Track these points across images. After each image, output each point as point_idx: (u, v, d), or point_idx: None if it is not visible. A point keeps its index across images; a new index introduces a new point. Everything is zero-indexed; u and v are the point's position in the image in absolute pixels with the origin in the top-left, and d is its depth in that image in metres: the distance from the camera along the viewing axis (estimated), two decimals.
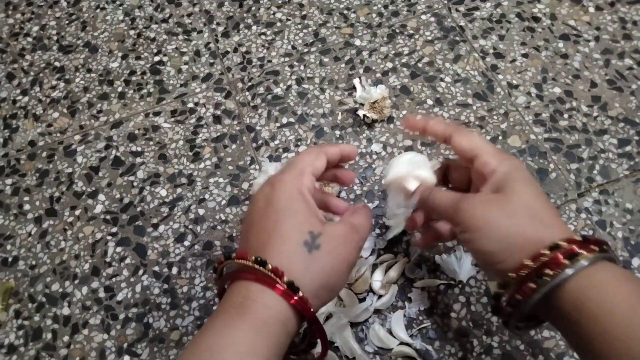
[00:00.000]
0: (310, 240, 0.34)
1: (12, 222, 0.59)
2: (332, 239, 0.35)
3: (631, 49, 0.64)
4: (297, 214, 0.35)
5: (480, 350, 0.48)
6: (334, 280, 0.35)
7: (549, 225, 0.34)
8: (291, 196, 0.36)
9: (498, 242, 0.34)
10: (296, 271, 0.33)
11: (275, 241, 0.34)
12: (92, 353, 0.51)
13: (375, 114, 0.59)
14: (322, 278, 0.34)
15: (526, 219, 0.34)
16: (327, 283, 0.35)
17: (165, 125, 0.64)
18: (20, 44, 0.73)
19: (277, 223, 0.35)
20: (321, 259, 0.34)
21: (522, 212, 0.35)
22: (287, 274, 0.33)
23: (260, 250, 0.34)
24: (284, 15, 0.71)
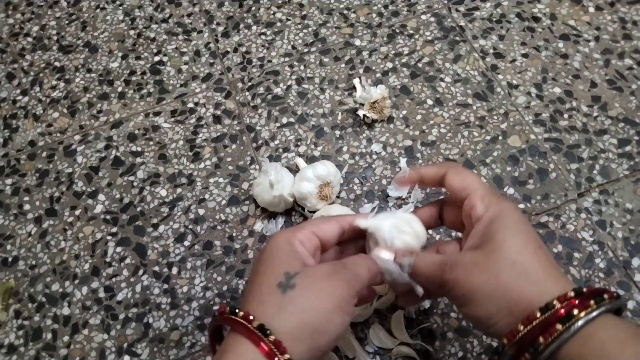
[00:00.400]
0: (285, 281, 0.33)
1: (12, 222, 0.59)
2: (309, 276, 0.34)
3: (631, 49, 0.64)
4: (276, 260, 0.35)
5: (480, 350, 0.48)
6: (315, 319, 0.32)
7: (539, 281, 0.32)
8: (277, 246, 0.36)
9: (485, 307, 0.33)
10: (268, 314, 0.32)
11: (253, 289, 0.34)
12: (92, 353, 0.51)
13: (375, 114, 0.59)
14: (299, 317, 0.32)
15: (513, 277, 0.32)
16: (307, 322, 0.32)
17: (165, 125, 0.64)
18: (20, 44, 0.73)
19: (257, 272, 0.35)
20: (296, 298, 0.32)
21: (508, 271, 0.32)
22: (257, 318, 0.32)
23: (242, 302, 0.34)
24: (284, 15, 0.71)
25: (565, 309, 0.30)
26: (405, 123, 0.61)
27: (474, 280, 0.33)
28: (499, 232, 0.34)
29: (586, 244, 0.53)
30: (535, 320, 0.30)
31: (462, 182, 0.37)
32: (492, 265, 0.33)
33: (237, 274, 0.54)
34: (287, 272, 0.34)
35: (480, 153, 0.58)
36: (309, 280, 0.33)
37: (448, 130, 0.60)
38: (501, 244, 0.33)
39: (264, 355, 0.30)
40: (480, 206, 0.36)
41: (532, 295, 0.31)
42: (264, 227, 0.56)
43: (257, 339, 0.31)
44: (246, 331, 0.31)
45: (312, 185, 0.53)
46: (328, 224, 0.38)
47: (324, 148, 0.60)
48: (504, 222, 0.34)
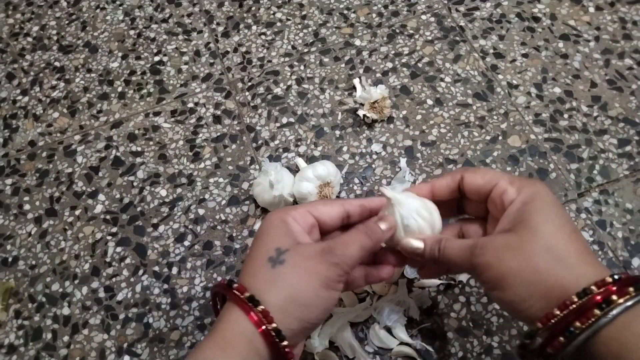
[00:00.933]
0: (275, 256, 0.35)
1: (12, 222, 0.59)
2: (299, 254, 0.35)
3: (631, 49, 0.64)
4: (268, 236, 0.36)
5: (480, 350, 0.48)
6: (303, 294, 0.34)
7: (574, 265, 0.31)
8: (270, 223, 0.37)
9: (518, 291, 0.32)
10: (259, 286, 0.34)
11: (247, 263, 0.36)
12: (92, 353, 0.51)
13: (375, 114, 0.59)
14: (287, 292, 0.34)
15: (547, 262, 0.32)
16: (295, 297, 0.34)
17: (165, 125, 0.64)
18: (20, 44, 0.73)
19: (251, 248, 0.37)
20: (285, 272, 0.34)
21: (542, 255, 0.32)
22: (249, 289, 0.34)
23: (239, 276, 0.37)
24: (284, 15, 0.71)
25: (603, 295, 0.29)
26: (405, 123, 0.61)
27: (506, 263, 0.33)
28: (533, 215, 0.33)
29: None
30: (572, 305, 0.30)
31: (484, 177, 0.37)
32: (526, 249, 0.32)
33: (237, 274, 0.54)
34: (278, 248, 0.35)
35: (480, 153, 0.58)
36: (298, 258, 0.35)
37: (448, 130, 0.60)
38: (535, 227, 0.33)
39: (252, 324, 0.32)
40: (511, 189, 0.35)
41: (568, 280, 0.31)
42: None
43: (248, 309, 0.33)
44: (238, 301, 0.33)
45: (312, 185, 0.53)
46: (327, 206, 0.39)
47: (324, 148, 0.60)
48: (537, 204, 0.34)
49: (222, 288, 0.35)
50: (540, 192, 0.34)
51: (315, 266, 0.35)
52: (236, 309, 0.33)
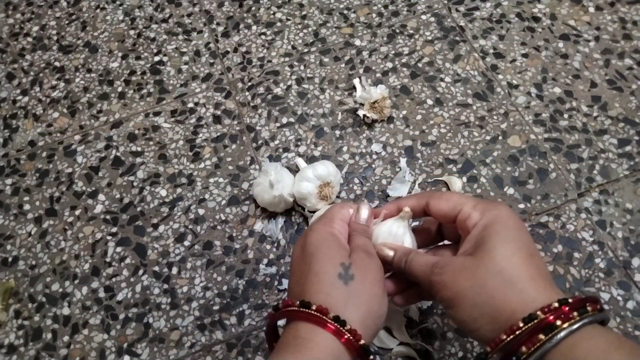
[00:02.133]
0: (344, 272, 0.35)
1: (12, 222, 0.59)
2: (362, 266, 0.36)
3: (631, 49, 0.64)
4: (328, 251, 0.37)
5: (480, 350, 0.48)
6: (376, 305, 0.35)
7: (524, 290, 0.32)
8: (322, 237, 0.38)
9: (469, 312, 0.33)
10: (338, 305, 0.34)
11: (312, 281, 0.36)
12: (92, 353, 0.51)
13: (375, 114, 0.59)
14: (364, 307, 0.35)
15: (498, 285, 0.33)
16: (371, 310, 0.35)
17: (165, 125, 0.64)
18: (20, 44, 0.73)
19: (311, 264, 0.36)
20: (358, 288, 0.35)
21: (494, 278, 0.33)
22: (330, 309, 0.33)
23: (301, 293, 0.35)
24: (284, 15, 0.71)
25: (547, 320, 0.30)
26: (405, 123, 0.61)
27: (460, 284, 0.34)
28: (491, 238, 0.34)
29: (586, 244, 0.53)
30: (518, 330, 0.30)
31: (448, 202, 0.38)
32: (480, 271, 0.33)
33: (237, 274, 0.54)
34: (342, 263, 0.36)
35: (480, 153, 0.58)
36: (363, 270, 0.36)
37: (448, 130, 0.60)
38: (491, 250, 0.34)
39: (343, 344, 0.33)
40: (474, 214, 0.36)
41: (516, 305, 0.32)
42: (264, 227, 0.56)
43: (339, 333, 0.33)
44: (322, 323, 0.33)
45: (312, 185, 0.53)
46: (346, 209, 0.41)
47: (324, 148, 0.60)
48: (497, 227, 0.35)
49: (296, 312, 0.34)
50: (501, 215, 0.35)
51: (375, 274, 0.36)
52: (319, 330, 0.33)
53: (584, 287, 0.50)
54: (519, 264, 0.33)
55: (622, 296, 0.50)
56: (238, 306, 0.52)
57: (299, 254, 0.38)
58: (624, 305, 0.49)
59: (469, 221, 0.36)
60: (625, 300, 0.50)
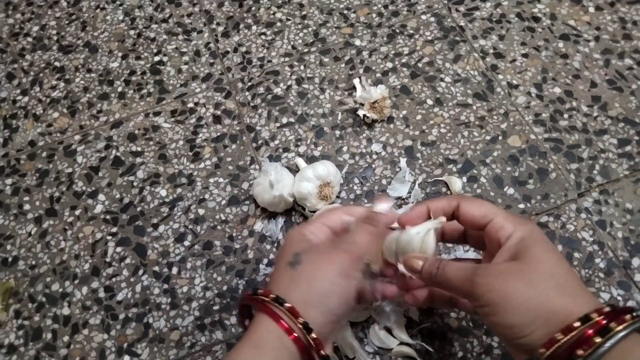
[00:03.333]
0: (294, 259, 0.38)
1: (12, 222, 0.59)
2: (314, 251, 0.38)
3: (631, 49, 0.64)
4: (289, 247, 0.39)
5: (480, 350, 0.48)
6: (323, 284, 0.36)
7: (574, 295, 0.32)
8: (291, 237, 0.40)
9: (521, 315, 0.32)
10: (282, 288, 0.37)
11: (271, 274, 0.40)
12: (92, 353, 0.51)
13: (375, 114, 0.59)
14: (307, 285, 0.36)
15: (551, 288, 0.32)
16: (315, 288, 0.36)
17: (165, 125, 0.64)
18: (20, 44, 0.73)
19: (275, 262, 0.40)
20: (304, 270, 0.37)
21: (546, 282, 0.32)
22: (274, 291, 0.36)
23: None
24: (284, 15, 0.71)
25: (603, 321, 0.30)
26: (405, 123, 0.61)
27: (509, 286, 0.33)
28: (535, 246, 0.34)
29: (586, 244, 0.53)
30: (575, 330, 0.30)
31: (480, 209, 0.38)
32: (530, 273, 0.33)
33: (237, 274, 0.54)
34: (295, 252, 0.38)
35: (480, 153, 0.58)
36: (314, 255, 0.38)
37: (448, 130, 0.60)
38: (538, 256, 0.34)
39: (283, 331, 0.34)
40: (508, 226, 0.36)
41: (571, 306, 0.31)
42: (264, 227, 0.56)
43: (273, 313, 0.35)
44: (265, 307, 0.35)
45: (312, 185, 0.53)
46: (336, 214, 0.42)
47: (324, 148, 0.60)
48: (536, 238, 0.35)
49: (248, 297, 0.38)
50: (535, 230, 0.36)
51: (330, 257, 0.37)
52: (265, 316, 0.35)
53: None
54: (566, 271, 0.33)
55: (622, 296, 0.50)
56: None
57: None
58: (624, 305, 0.49)
59: (501, 232, 0.36)
60: (625, 300, 0.50)
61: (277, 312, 0.35)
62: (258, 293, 0.37)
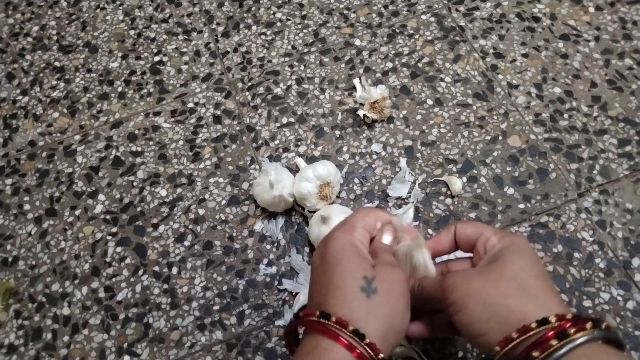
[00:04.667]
0: (366, 285, 0.35)
1: (12, 222, 0.59)
2: (386, 280, 0.36)
3: (631, 49, 0.64)
4: (349, 262, 0.36)
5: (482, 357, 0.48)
6: (398, 320, 0.35)
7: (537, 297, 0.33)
8: (343, 248, 0.37)
9: (479, 313, 0.33)
10: (359, 318, 0.34)
11: (333, 292, 0.35)
12: (92, 353, 0.51)
13: (375, 114, 0.59)
14: (385, 321, 0.34)
15: (511, 289, 0.33)
16: (392, 325, 0.35)
17: (165, 125, 0.64)
18: (20, 44, 0.73)
19: (332, 275, 0.36)
20: (381, 302, 0.35)
21: (507, 282, 0.33)
22: (351, 322, 0.33)
23: (322, 304, 0.35)
24: (284, 15, 0.71)
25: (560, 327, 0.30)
26: (405, 123, 0.61)
27: (472, 284, 0.34)
28: (507, 254, 0.35)
29: (586, 244, 0.53)
30: (531, 331, 0.30)
31: (473, 227, 0.39)
32: (493, 275, 0.34)
33: (237, 274, 0.54)
34: (365, 277, 0.35)
35: (480, 153, 0.58)
36: (387, 285, 0.35)
37: (448, 130, 0.60)
38: (506, 262, 0.35)
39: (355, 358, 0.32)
40: (494, 237, 0.37)
41: (529, 308, 0.32)
42: (264, 227, 0.56)
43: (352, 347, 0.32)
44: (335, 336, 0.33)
45: (312, 185, 0.53)
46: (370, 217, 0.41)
47: (324, 148, 0.60)
48: (513, 248, 0.36)
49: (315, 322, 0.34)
50: (518, 242, 0.36)
51: (401, 290, 0.36)
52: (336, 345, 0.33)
53: (584, 287, 0.50)
54: (533, 276, 0.34)
55: (622, 296, 0.50)
56: (238, 306, 0.52)
57: (319, 263, 0.38)
58: (624, 305, 0.49)
59: (488, 243, 0.37)
60: (625, 300, 0.50)
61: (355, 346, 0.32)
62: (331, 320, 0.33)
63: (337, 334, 0.33)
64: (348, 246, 0.37)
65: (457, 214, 0.55)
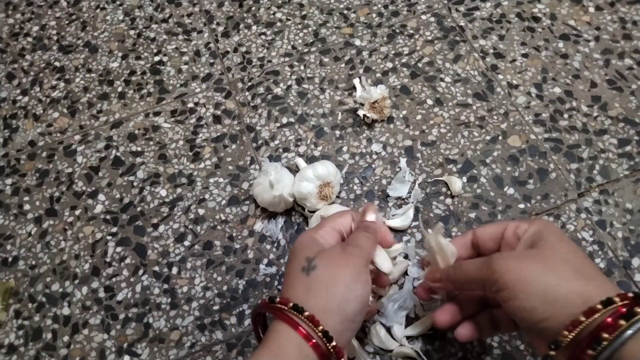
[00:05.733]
0: (307, 264, 0.37)
1: (12, 222, 0.59)
2: (326, 256, 0.38)
3: (631, 49, 0.64)
4: (300, 251, 0.39)
5: (480, 350, 0.48)
6: (341, 290, 0.36)
7: (593, 279, 0.32)
8: (301, 241, 0.40)
9: (540, 297, 0.31)
10: (299, 295, 0.36)
11: (284, 280, 0.39)
12: (92, 353, 0.51)
13: (375, 114, 0.59)
14: (325, 292, 0.36)
15: (568, 271, 0.32)
16: (333, 294, 0.36)
17: (165, 125, 0.64)
18: (20, 44, 0.73)
19: (287, 267, 0.39)
20: (319, 276, 0.36)
21: (563, 265, 0.32)
22: (291, 299, 0.36)
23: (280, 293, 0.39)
24: (284, 15, 0.71)
25: (627, 306, 0.29)
26: (405, 123, 0.61)
27: (526, 269, 0.33)
28: (550, 236, 0.35)
29: (586, 244, 0.53)
30: (597, 312, 0.29)
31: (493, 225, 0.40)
32: (546, 258, 0.33)
33: (237, 274, 0.54)
34: (307, 257, 0.38)
35: (480, 153, 0.58)
36: (327, 260, 0.37)
37: (448, 130, 0.60)
38: (554, 244, 0.34)
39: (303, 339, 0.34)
40: (522, 224, 0.38)
41: (591, 289, 0.31)
42: (264, 227, 0.56)
43: (294, 323, 0.34)
44: (284, 316, 0.35)
45: (312, 185, 0.53)
46: (344, 218, 0.42)
47: (324, 148, 0.60)
48: (550, 230, 0.36)
49: (265, 306, 0.37)
50: (552, 225, 0.37)
51: (343, 262, 0.37)
52: (283, 324, 0.35)
53: None
54: (583, 257, 0.34)
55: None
56: (238, 306, 0.52)
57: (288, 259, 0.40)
58: None
59: (519, 230, 0.37)
60: None
61: (296, 320, 0.34)
62: (276, 301, 0.36)
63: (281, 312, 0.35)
64: (308, 240, 0.40)
65: (457, 214, 0.55)
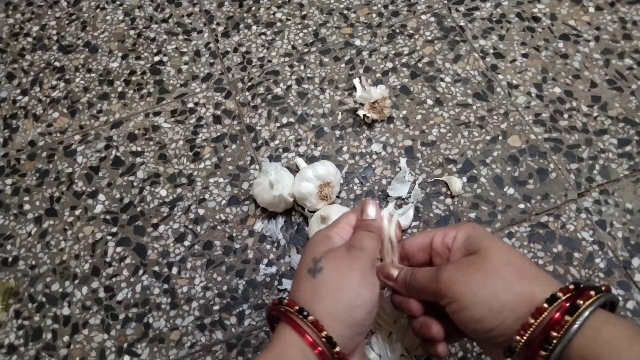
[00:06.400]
0: (313, 266, 0.36)
1: (12, 222, 0.59)
2: (332, 258, 0.37)
3: (631, 49, 0.64)
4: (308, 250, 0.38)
5: (480, 350, 0.48)
6: (348, 295, 0.35)
7: (536, 277, 0.32)
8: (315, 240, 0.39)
9: (488, 305, 0.32)
10: (305, 298, 0.35)
11: (293, 280, 0.38)
12: (92, 353, 0.51)
13: (375, 114, 0.59)
14: (332, 297, 0.35)
15: (512, 274, 0.32)
16: (340, 300, 0.35)
17: (165, 125, 0.64)
18: (20, 44, 0.73)
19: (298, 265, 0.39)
20: (327, 279, 0.35)
21: (506, 269, 0.32)
22: (298, 303, 0.35)
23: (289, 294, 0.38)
24: (284, 15, 0.71)
25: (569, 300, 0.30)
26: (405, 123, 0.61)
27: (470, 278, 0.33)
28: (483, 240, 0.35)
29: (586, 244, 0.53)
30: (544, 312, 0.30)
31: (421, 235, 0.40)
32: (486, 264, 0.33)
33: (237, 274, 0.54)
34: (314, 258, 0.37)
35: (480, 153, 0.58)
36: (332, 262, 0.36)
37: (448, 130, 0.60)
38: (489, 248, 0.34)
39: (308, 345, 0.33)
40: (450, 231, 0.37)
41: (534, 289, 0.31)
42: (264, 227, 0.56)
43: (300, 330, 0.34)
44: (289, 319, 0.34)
45: (312, 185, 0.53)
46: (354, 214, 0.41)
47: (324, 148, 0.60)
48: (482, 233, 0.36)
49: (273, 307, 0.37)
50: (477, 227, 0.36)
51: (350, 264, 0.36)
52: (288, 328, 0.34)
53: None
54: (520, 257, 0.34)
55: (622, 296, 0.50)
56: (238, 306, 0.52)
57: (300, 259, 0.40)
58: (624, 305, 0.49)
59: (446, 238, 0.37)
60: (625, 300, 0.50)
61: (301, 324, 0.34)
62: (283, 303, 0.36)
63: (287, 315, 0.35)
64: (319, 238, 0.39)
65: (457, 214, 0.55)
